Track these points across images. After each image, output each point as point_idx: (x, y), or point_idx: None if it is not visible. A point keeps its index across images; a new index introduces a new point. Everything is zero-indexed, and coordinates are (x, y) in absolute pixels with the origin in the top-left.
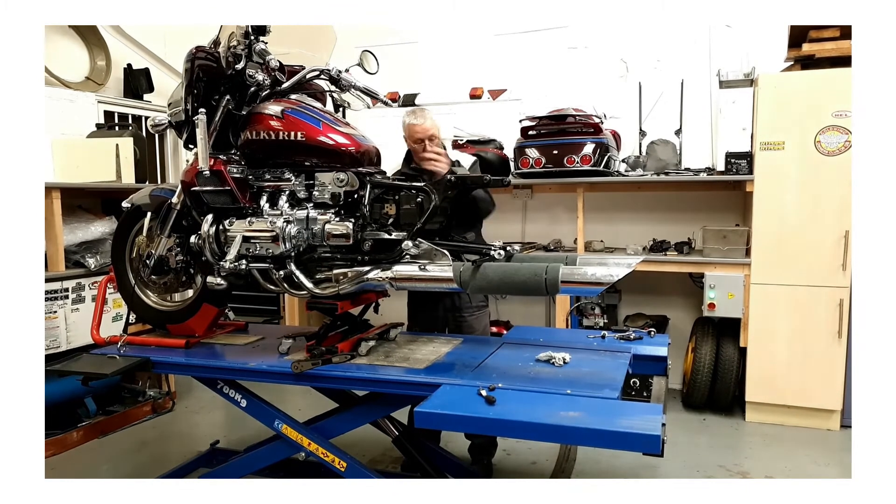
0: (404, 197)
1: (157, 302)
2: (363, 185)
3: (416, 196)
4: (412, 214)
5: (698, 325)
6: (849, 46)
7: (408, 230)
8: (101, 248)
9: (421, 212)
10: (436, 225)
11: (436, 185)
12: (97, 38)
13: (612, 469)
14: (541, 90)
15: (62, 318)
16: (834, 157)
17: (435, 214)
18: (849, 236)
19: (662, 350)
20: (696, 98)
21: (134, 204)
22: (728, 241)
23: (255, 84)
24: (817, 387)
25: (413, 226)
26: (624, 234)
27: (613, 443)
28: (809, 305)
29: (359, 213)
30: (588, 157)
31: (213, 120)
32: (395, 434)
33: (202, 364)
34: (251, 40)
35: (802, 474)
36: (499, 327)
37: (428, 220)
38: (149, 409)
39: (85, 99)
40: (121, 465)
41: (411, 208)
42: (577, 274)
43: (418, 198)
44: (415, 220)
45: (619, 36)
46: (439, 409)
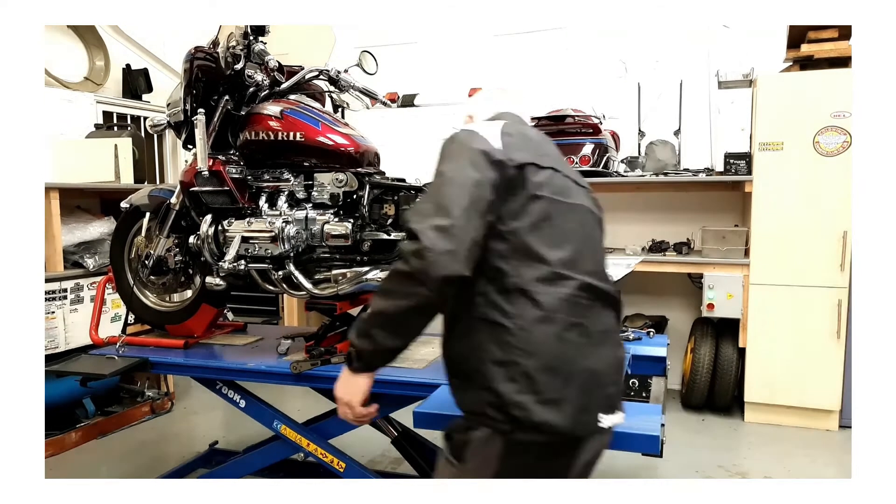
0: (403, 197)
1: (155, 302)
2: (362, 186)
3: (416, 197)
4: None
5: (697, 325)
6: (847, 47)
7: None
8: (100, 248)
9: None
10: None
11: None
12: (96, 39)
13: (611, 469)
14: (540, 90)
15: (61, 319)
16: (833, 157)
17: None
18: (847, 236)
19: (661, 350)
20: (694, 98)
21: (133, 204)
22: (727, 241)
23: (254, 84)
24: (816, 387)
25: None
26: (623, 235)
27: (612, 443)
28: (808, 306)
29: (358, 214)
30: (587, 157)
31: (212, 120)
32: (394, 434)
33: (201, 364)
34: (250, 41)
35: (801, 474)
36: None
37: None
38: (147, 409)
39: (83, 99)
40: (119, 465)
41: (410, 208)
42: None
43: (417, 198)
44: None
45: (617, 37)
46: (439, 410)
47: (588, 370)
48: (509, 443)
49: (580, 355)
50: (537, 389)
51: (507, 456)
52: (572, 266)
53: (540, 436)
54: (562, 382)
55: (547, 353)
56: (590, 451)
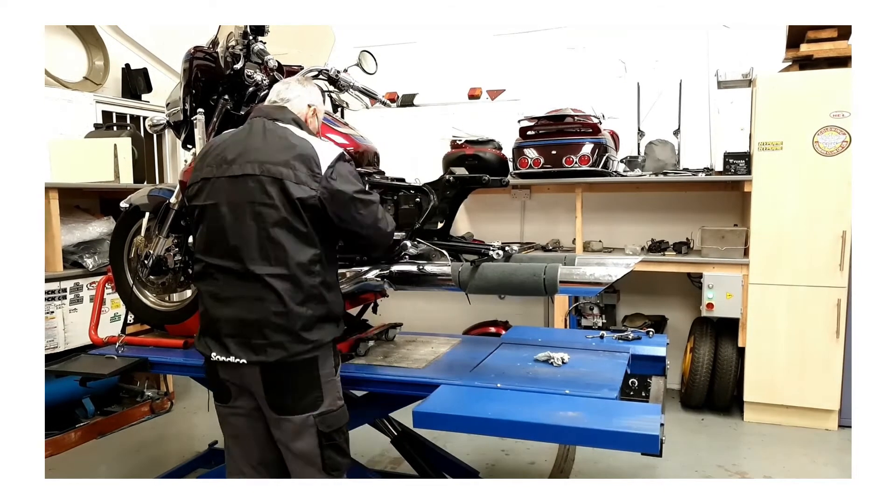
0: (403, 197)
1: (155, 302)
2: None
3: (415, 196)
4: (411, 214)
5: (697, 325)
6: (846, 47)
7: (406, 230)
8: (100, 248)
9: (419, 212)
10: (434, 225)
11: (434, 185)
12: (95, 38)
13: (611, 469)
14: (539, 90)
15: (60, 319)
16: (832, 157)
17: (434, 215)
18: (846, 236)
19: (661, 350)
20: (694, 98)
21: (132, 204)
22: (726, 241)
23: (254, 84)
24: (815, 387)
25: (412, 226)
26: (622, 235)
27: (612, 443)
28: (807, 305)
29: None
30: (586, 157)
31: (212, 120)
32: (393, 434)
33: (200, 364)
34: (249, 40)
35: (801, 474)
36: (497, 327)
37: (426, 220)
38: (147, 409)
39: (83, 99)
40: (119, 465)
41: (410, 208)
42: (576, 274)
43: (417, 198)
44: (413, 221)
45: (617, 36)
46: (438, 410)
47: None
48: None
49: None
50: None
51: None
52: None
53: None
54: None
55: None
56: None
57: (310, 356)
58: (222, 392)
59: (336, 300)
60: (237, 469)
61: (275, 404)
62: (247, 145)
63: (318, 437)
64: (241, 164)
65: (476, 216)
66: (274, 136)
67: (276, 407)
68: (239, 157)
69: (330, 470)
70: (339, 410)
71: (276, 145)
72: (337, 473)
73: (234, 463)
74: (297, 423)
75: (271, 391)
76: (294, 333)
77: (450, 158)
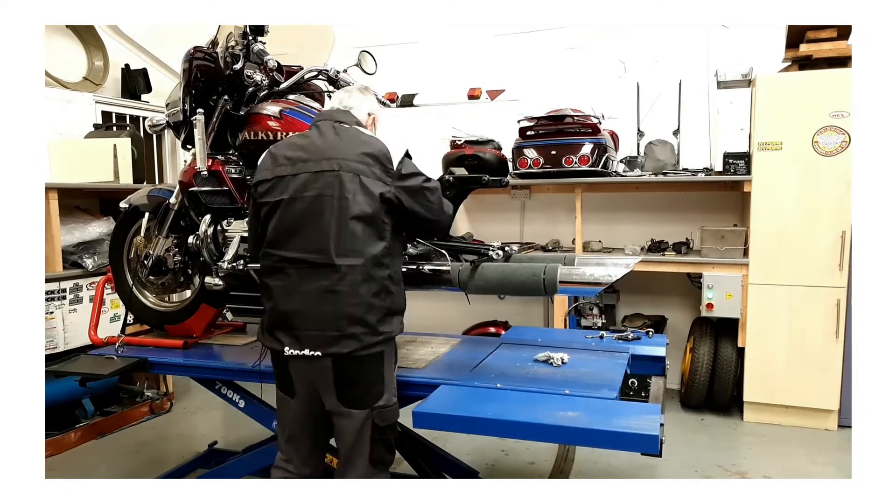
0: None
1: (155, 302)
2: None
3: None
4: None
5: (696, 325)
6: (846, 47)
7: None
8: (99, 248)
9: None
10: None
11: None
12: (95, 39)
13: (611, 469)
14: (539, 90)
15: (60, 319)
16: (832, 157)
17: None
18: (846, 236)
19: (660, 350)
20: (693, 98)
21: (132, 204)
22: (726, 241)
23: (253, 84)
24: (815, 387)
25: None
26: (622, 235)
27: (612, 443)
28: (807, 305)
29: None
30: (586, 157)
31: (211, 120)
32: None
33: (200, 364)
34: (249, 40)
35: (800, 474)
36: (497, 327)
37: None
38: (147, 409)
39: (82, 99)
40: (119, 465)
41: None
42: (576, 274)
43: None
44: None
45: (617, 36)
46: (438, 410)
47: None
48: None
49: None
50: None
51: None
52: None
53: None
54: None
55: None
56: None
57: (378, 350)
58: (289, 386)
59: (400, 292)
60: (295, 455)
61: (345, 397)
62: (322, 144)
63: (372, 430)
64: (318, 160)
65: (476, 216)
66: (347, 135)
67: (345, 400)
68: (316, 154)
69: (377, 464)
70: (395, 406)
71: (350, 143)
72: (382, 467)
73: (294, 450)
74: (360, 416)
75: (341, 384)
76: (368, 325)
77: (449, 158)
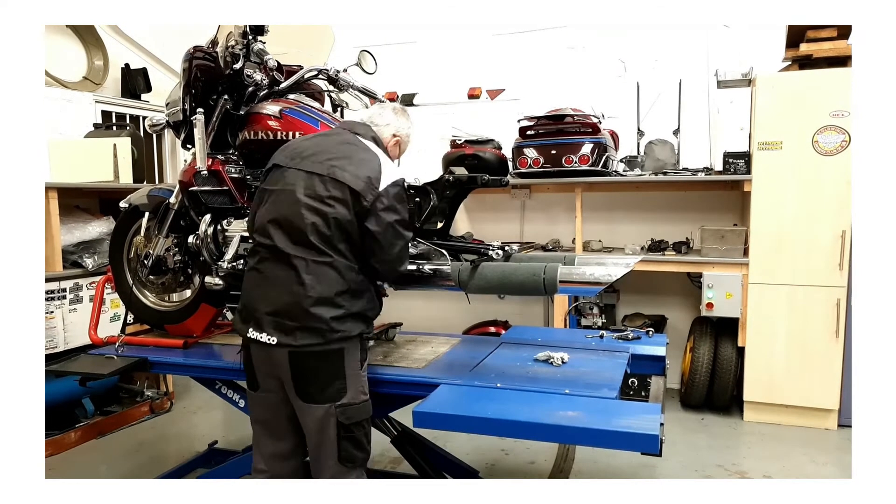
0: None
1: (155, 302)
2: None
3: (415, 196)
4: (410, 214)
5: (696, 324)
6: (846, 46)
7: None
8: (99, 248)
9: (419, 212)
10: (434, 225)
11: (434, 185)
12: (95, 38)
13: (611, 469)
14: (539, 90)
15: (60, 319)
16: (832, 156)
17: (433, 214)
18: (846, 236)
19: (660, 350)
20: (693, 98)
21: (132, 204)
22: (726, 240)
23: (253, 84)
24: (815, 386)
25: (412, 226)
26: (622, 234)
27: (612, 442)
28: (807, 305)
29: None
30: (586, 156)
31: (211, 120)
32: (393, 434)
33: (200, 364)
34: (249, 40)
35: (800, 474)
36: (497, 327)
37: (426, 220)
38: (147, 409)
39: (82, 99)
40: (119, 465)
41: (409, 208)
42: (576, 274)
43: (416, 198)
44: (413, 221)
45: (617, 36)
46: (438, 409)
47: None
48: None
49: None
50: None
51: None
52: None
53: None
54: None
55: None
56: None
57: (336, 347)
58: (252, 380)
59: (372, 299)
60: (258, 455)
61: (301, 391)
62: (323, 147)
63: (337, 427)
64: (312, 161)
65: (476, 216)
66: (348, 146)
67: (302, 394)
68: (313, 155)
69: (345, 461)
70: (362, 405)
71: (347, 153)
72: (351, 465)
73: (257, 449)
74: (318, 410)
75: (298, 377)
76: (325, 321)
77: (449, 158)
